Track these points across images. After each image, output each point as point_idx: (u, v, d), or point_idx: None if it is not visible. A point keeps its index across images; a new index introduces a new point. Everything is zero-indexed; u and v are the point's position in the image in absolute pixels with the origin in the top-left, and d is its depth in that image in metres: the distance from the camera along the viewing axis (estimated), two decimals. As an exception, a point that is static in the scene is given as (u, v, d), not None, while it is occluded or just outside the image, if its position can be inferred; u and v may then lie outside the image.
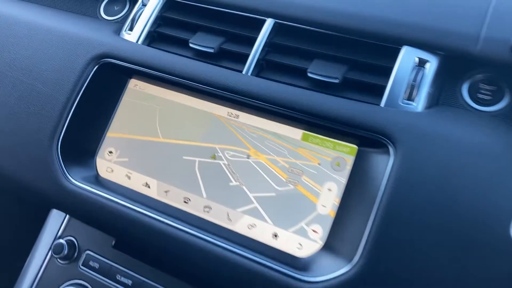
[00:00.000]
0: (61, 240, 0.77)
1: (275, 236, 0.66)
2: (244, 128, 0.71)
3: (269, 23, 0.74)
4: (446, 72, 0.68)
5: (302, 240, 0.65)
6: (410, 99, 0.65)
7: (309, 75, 0.70)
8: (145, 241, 0.69)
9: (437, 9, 0.68)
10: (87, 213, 0.73)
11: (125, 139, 0.76)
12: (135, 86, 0.78)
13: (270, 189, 0.67)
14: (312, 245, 0.64)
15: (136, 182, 0.74)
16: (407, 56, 0.67)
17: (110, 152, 0.77)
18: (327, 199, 0.65)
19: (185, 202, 0.71)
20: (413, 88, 0.66)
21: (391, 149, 0.61)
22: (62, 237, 0.81)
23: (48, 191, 0.74)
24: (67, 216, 0.84)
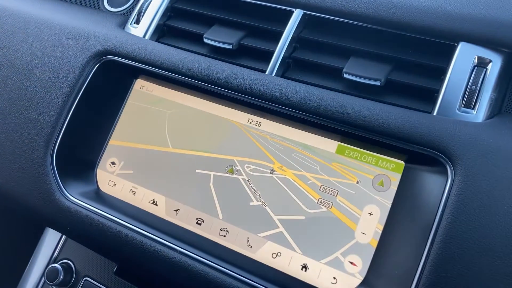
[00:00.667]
0: (56, 265, 0.68)
1: (304, 267, 0.56)
2: (267, 138, 0.61)
3: (296, 15, 0.65)
4: (511, 73, 0.57)
5: (337, 273, 0.55)
6: (469, 106, 0.55)
7: (345, 76, 0.60)
8: (151, 268, 0.60)
9: (500, -2, 0.57)
10: (85, 233, 0.64)
11: (130, 149, 0.67)
12: (141, 87, 0.69)
13: (298, 211, 0.57)
14: (349, 280, 0.54)
15: (141, 198, 0.65)
16: (465, 55, 0.57)
17: (113, 163, 0.67)
18: (368, 225, 0.55)
19: (198, 224, 0.61)
20: (473, 93, 0.55)
21: (448, 167, 0.51)
22: (57, 259, 0.72)
23: (41, 208, 0.65)
24: (63, 235, 0.75)
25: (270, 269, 0.57)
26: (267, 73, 0.64)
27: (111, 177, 0.67)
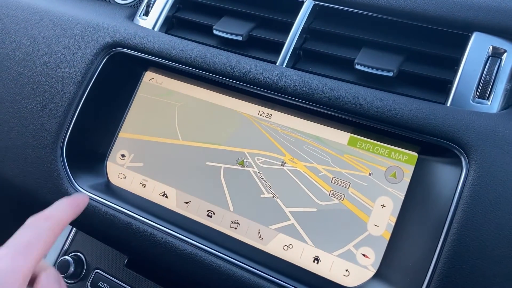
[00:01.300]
0: (67, 257, 0.68)
1: (316, 260, 0.55)
2: (278, 130, 0.60)
3: (307, 6, 0.64)
4: (526, 63, 0.56)
5: (349, 265, 0.54)
6: (483, 97, 0.54)
7: (357, 67, 0.59)
8: (161, 261, 0.60)
9: (515, -13, 0.56)
10: (95, 226, 0.64)
11: (140, 141, 0.66)
12: (151, 79, 0.68)
13: (310, 204, 0.57)
14: (362, 272, 0.54)
15: (152, 191, 0.64)
16: (479, 45, 0.56)
17: (123, 156, 0.67)
18: (381, 217, 0.54)
19: (209, 216, 0.61)
20: (487, 84, 0.54)
21: (462, 159, 0.50)
22: (68, 252, 0.72)
23: (51, 200, 0.63)
24: (74, 228, 0.75)
25: (281, 261, 0.57)
26: (277, 64, 0.63)
27: (121, 169, 0.67)
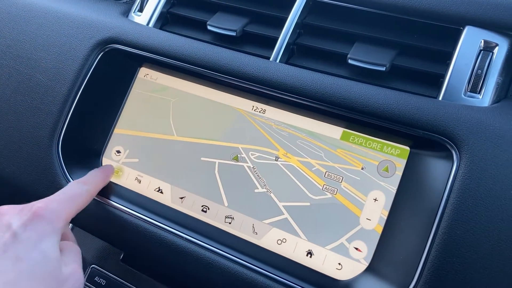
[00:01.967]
0: (63, 252, 0.68)
1: (310, 253, 0.56)
2: (272, 125, 0.61)
3: (300, 0, 0.64)
4: (518, 57, 0.56)
5: (342, 259, 0.55)
6: (475, 91, 0.54)
7: (350, 61, 0.59)
8: (157, 255, 0.60)
9: (507, -19, 0.56)
10: (91, 221, 0.64)
11: (135, 137, 0.67)
12: (145, 75, 0.69)
13: (303, 198, 0.57)
14: (354, 265, 0.54)
15: (147, 186, 0.65)
16: (471, 39, 0.56)
17: (118, 152, 0.67)
18: (373, 211, 0.54)
19: (203, 211, 0.61)
20: (478, 77, 0.54)
21: (453, 152, 0.50)
22: (64, 247, 0.72)
23: (47, 196, 0.65)
24: (70, 224, 0.75)
25: (275, 256, 0.57)
26: (271, 59, 0.63)
27: (117, 165, 0.67)
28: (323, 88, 0.57)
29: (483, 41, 0.55)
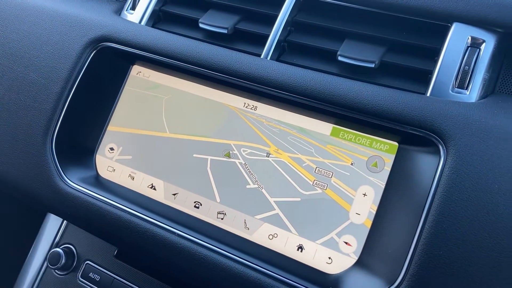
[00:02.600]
0: (58, 249, 0.69)
1: (300, 248, 0.57)
2: (263, 122, 0.61)
3: (291, -2, 0.64)
4: (505, 53, 0.57)
5: (332, 253, 0.55)
6: (462, 87, 0.55)
7: (340, 58, 0.60)
8: (150, 251, 0.61)
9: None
10: (85, 218, 0.65)
11: (128, 134, 0.67)
12: (138, 73, 0.69)
13: (294, 193, 0.58)
14: (344, 259, 0.55)
15: (140, 183, 0.65)
16: (458, 35, 0.57)
17: (111, 149, 0.68)
18: (362, 206, 0.55)
19: (196, 207, 0.62)
20: (466, 73, 0.55)
21: (440, 147, 0.51)
22: (59, 244, 0.73)
23: (42, 194, 0.66)
24: (65, 221, 0.76)
25: (266, 250, 0.58)
26: (262, 57, 0.63)
27: (110, 162, 0.68)
28: (312, 84, 0.58)
29: (470, 37, 0.56)
